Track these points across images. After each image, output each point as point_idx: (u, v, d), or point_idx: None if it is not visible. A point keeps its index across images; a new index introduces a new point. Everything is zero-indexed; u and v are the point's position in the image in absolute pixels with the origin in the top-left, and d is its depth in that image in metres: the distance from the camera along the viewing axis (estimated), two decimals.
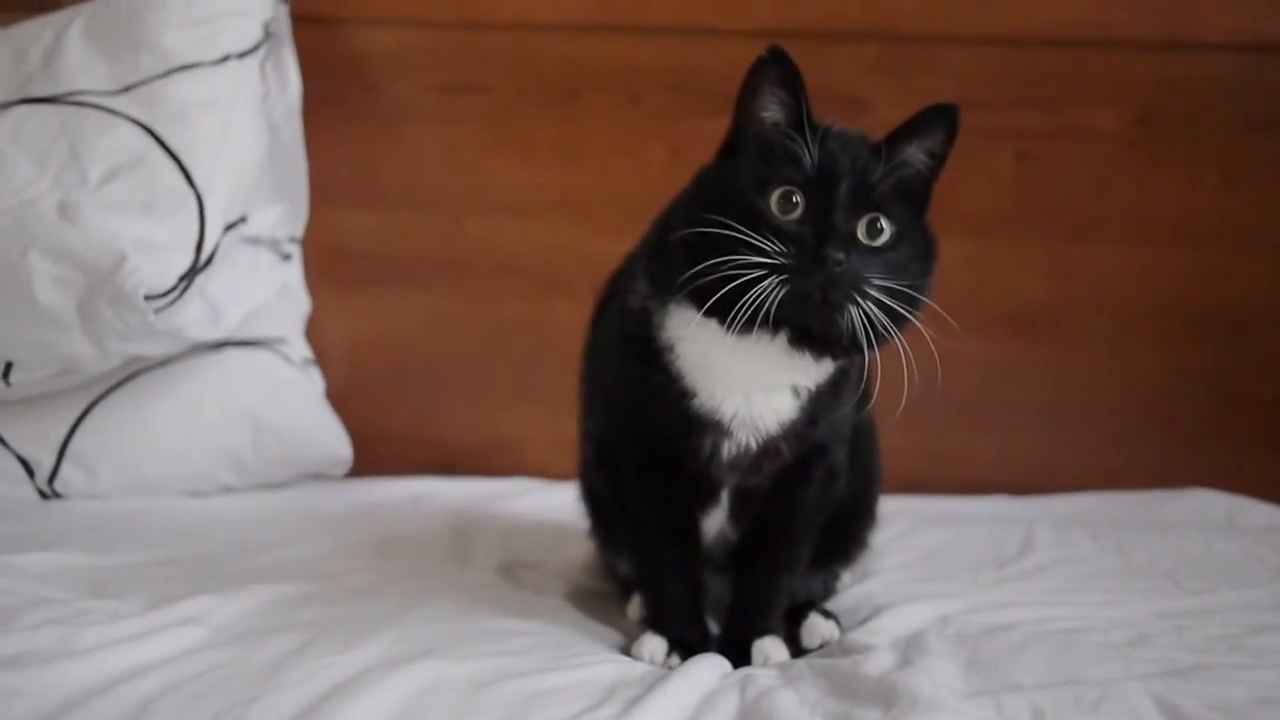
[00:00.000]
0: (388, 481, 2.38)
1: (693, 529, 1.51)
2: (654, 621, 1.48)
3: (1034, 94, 2.47)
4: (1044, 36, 2.45)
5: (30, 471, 2.10)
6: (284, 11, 2.34)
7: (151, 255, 1.91)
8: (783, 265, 1.25)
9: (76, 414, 2.11)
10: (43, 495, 2.11)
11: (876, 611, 1.56)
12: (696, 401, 1.38)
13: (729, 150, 1.37)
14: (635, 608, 1.60)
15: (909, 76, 2.44)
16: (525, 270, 2.52)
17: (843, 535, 1.65)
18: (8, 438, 2.09)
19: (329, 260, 2.51)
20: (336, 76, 2.48)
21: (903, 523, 2.05)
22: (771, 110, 1.33)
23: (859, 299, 1.26)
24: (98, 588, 1.52)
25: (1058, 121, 2.48)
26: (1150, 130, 2.47)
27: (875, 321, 1.27)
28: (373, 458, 2.44)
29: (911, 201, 1.33)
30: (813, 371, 1.36)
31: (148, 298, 1.90)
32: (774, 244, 1.25)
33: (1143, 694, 1.22)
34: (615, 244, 1.57)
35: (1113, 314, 2.50)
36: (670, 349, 1.38)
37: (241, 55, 2.18)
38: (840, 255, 1.25)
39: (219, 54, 2.14)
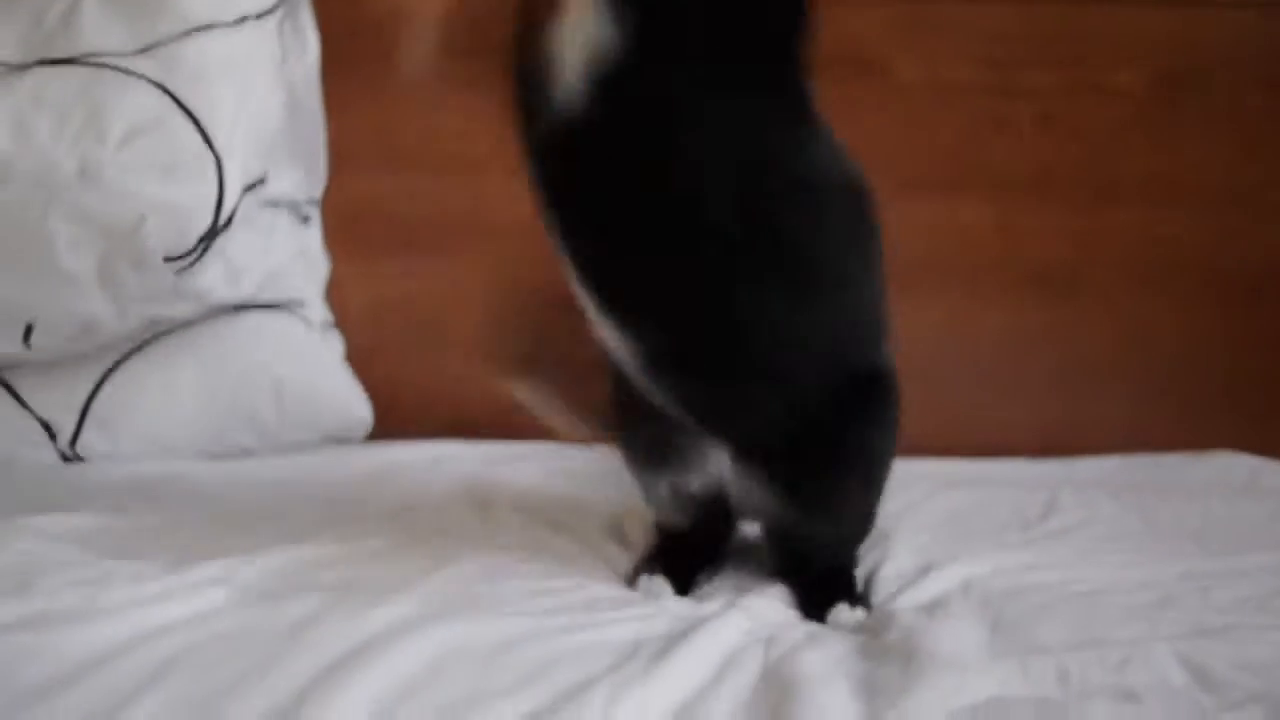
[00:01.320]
0: (408, 444, 2.36)
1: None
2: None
3: (1054, 53, 2.44)
4: None
5: (52, 434, 2.10)
6: None
7: (171, 217, 1.91)
8: None
9: (97, 377, 2.11)
10: (64, 458, 2.12)
11: (900, 574, 1.55)
12: None
13: None
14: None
15: (927, 37, 2.41)
16: (546, 231, 2.50)
17: None
18: (29, 400, 2.10)
19: (348, 223, 2.49)
20: (355, 38, 2.46)
21: (923, 486, 2.03)
22: None
23: None
24: (120, 549, 1.52)
25: (1078, 81, 2.44)
26: (1172, 89, 2.43)
27: None
28: (393, 420, 2.43)
29: None
30: None
31: (167, 259, 1.91)
32: None
33: (1168, 654, 1.21)
34: None
35: (1133, 276, 2.47)
36: None
37: (259, 16, 2.17)
38: None
39: (236, 15, 2.13)
